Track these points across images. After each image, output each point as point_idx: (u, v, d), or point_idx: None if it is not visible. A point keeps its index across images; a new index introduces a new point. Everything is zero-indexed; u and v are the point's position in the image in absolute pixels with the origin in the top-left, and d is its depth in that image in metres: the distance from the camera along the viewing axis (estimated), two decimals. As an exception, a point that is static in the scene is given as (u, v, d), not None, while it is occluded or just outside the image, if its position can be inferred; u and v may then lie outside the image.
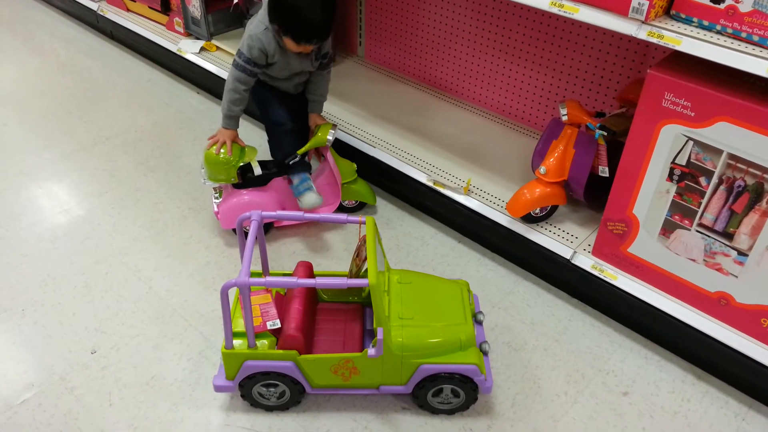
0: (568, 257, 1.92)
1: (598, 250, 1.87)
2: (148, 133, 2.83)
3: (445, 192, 2.17)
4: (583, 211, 2.07)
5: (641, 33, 1.46)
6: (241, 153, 2.07)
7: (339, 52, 3.03)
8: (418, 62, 2.79)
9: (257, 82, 2.08)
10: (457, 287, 1.71)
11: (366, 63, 2.99)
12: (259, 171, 2.12)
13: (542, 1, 1.61)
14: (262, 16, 1.95)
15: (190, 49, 3.00)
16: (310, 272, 1.74)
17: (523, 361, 1.82)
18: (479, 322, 1.71)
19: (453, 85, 2.71)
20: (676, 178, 1.60)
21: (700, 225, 1.61)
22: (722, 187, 1.53)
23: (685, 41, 1.42)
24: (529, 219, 2.00)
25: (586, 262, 1.88)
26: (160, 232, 2.26)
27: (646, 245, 1.74)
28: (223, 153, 2.03)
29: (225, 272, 2.10)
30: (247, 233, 1.53)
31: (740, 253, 1.57)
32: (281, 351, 1.54)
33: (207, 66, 2.90)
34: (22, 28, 3.79)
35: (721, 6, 1.38)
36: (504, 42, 2.41)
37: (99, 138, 2.78)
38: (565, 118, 1.86)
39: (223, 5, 3.00)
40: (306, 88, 2.20)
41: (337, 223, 2.20)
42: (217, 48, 3.02)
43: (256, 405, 1.66)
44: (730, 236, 1.57)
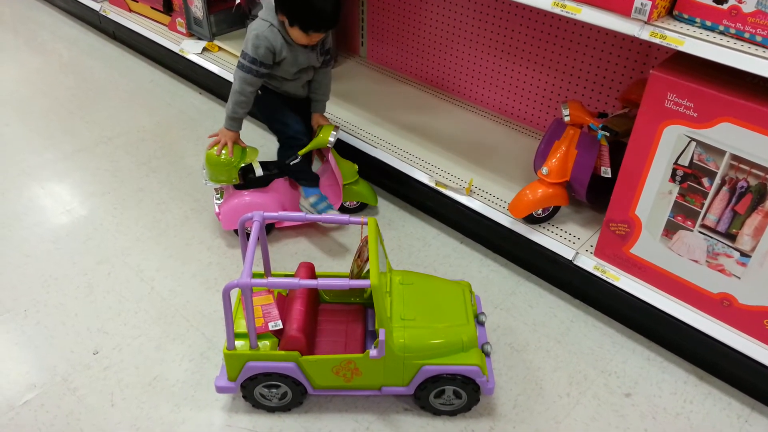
0: (570, 258, 1.91)
1: (601, 251, 1.87)
2: (151, 133, 2.83)
3: (447, 193, 2.17)
4: (585, 212, 2.07)
5: (644, 33, 1.46)
6: (243, 154, 2.07)
7: (341, 53, 3.03)
8: (420, 62, 2.79)
9: (265, 93, 2.08)
10: (459, 288, 1.71)
11: (368, 63, 2.99)
12: (260, 172, 2.12)
13: (545, 2, 1.61)
14: (265, 14, 1.96)
15: (192, 50, 3.01)
16: (312, 273, 1.74)
17: (525, 362, 1.82)
18: (481, 323, 1.71)
19: (455, 86, 2.70)
20: (678, 179, 1.59)
21: (703, 226, 1.61)
22: (725, 188, 1.53)
23: (687, 42, 1.42)
24: (532, 220, 2.00)
25: (589, 263, 1.88)
26: (163, 233, 2.27)
27: (648, 246, 1.74)
28: (224, 154, 2.03)
29: (227, 273, 2.10)
30: (249, 234, 1.53)
31: (743, 254, 1.57)
32: (283, 352, 1.54)
33: (209, 66, 2.91)
34: (24, 28, 3.80)
35: (724, 6, 1.38)
36: (506, 42, 2.41)
37: (101, 138, 2.79)
38: (567, 119, 1.85)
39: (225, 6, 3.01)
40: (310, 88, 2.21)
41: (339, 224, 2.20)
42: (220, 48, 3.02)
43: (257, 406, 1.66)
44: (732, 237, 1.57)
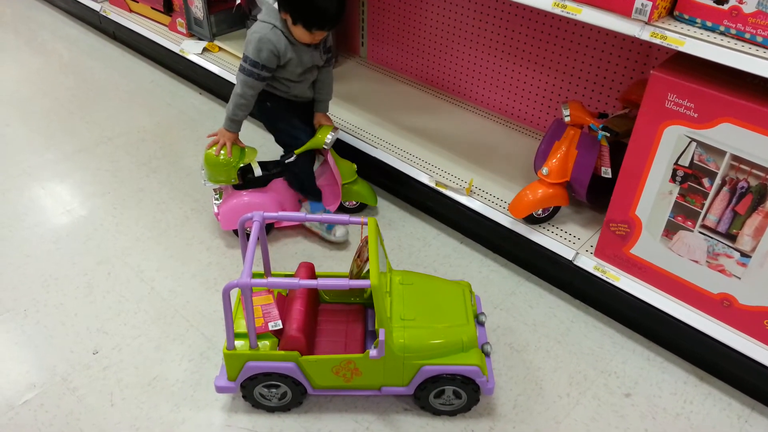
0: (570, 258, 1.91)
1: (601, 252, 1.87)
2: (151, 133, 2.83)
3: (448, 193, 2.17)
4: (585, 212, 2.07)
5: (644, 34, 1.46)
6: (241, 154, 2.07)
7: (341, 53, 3.03)
8: (420, 63, 2.79)
9: (272, 102, 2.05)
10: (459, 288, 1.71)
11: (368, 63, 2.99)
12: (259, 172, 2.12)
13: (545, 2, 1.61)
14: (266, 16, 1.94)
15: (192, 50, 3.01)
16: (312, 273, 1.74)
17: (525, 362, 1.82)
18: (481, 324, 1.71)
19: (455, 86, 2.70)
20: (679, 179, 1.59)
21: (703, 226, 1.61)
22: (725, 189, 1.53)
23: (688, 42, 1.42)
24: (532, 220, 2.00)
25: (589, 263, 1.88)
26: (163, 233, 2.27)
27: (648, 246, 1.74)
28: (223, 154, 2.03)
29: (227, 273, 2.10)
30: (249, 234, 1.53)
31: (743, 255, 1.57)
32: (283, 352, 1.54)
33: (209, 67, 2.90)
34: (25, 28, 3.80)
35: (725, 7, 1.38)
36: (506, 43, 2.41)
37: (101, 138, 2.79)
38: (567, 119, 1.85)
39: (225, 6, 3.01)
40: (314, 88, 2.18)
41: (339, 224, 2.20)
42: (220, 49, 3.02)
43: (257, 406, 1.66)
44: (733, 238, 1.57)
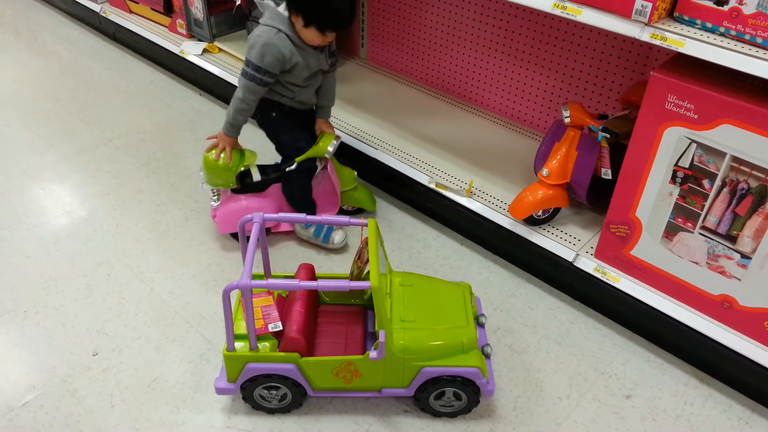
0: (570, 260, 1.91)
1: (601, 253, 1.86)
2: (151, 134, 2.83)
3: (448, 194, 2.17)
4: (585, 214, 2.07)
5: (644, 35, 1.46)
6: (241, 158, 2.05)
7: (341, 54, 3.02)
8: (420, 64, 2.79)
9: (276, 112, 2.02)
10: (459, 290, 1.71)
11: (368, 65, 2.99)
12: (258, 177, 2.09)
13: (545, 3, 1.61)
14: (269, 20, 1.88)
15: (192, 51, 3.01)
16: (312, 274, 1.74)
17: (525, 364, 1.82)
18: (481, 325, 1.71)
19: (455, 87, 2.70)
20: (679, 180, 1.59)
21: (703, 228, 1.61)
22: (725, 190, 1.53)
23: (688, 43, 1.42)
24: (532, 221, 1.99)
25: (589, 264, 1.88)
26: (162, 234, 2.26)
27: (648, 248, 1.74)
28: (222, 158, 2.01)
29: (227, 274, 2.10)
30: (249, 236, 1.53)
31: (743, 256, 1.57)
32: (283, 353, 1.54)
33: (209, 68, 2.90)
34: (25, 29, 3.80)
35: (725, 8, 1.38)
36: (506, 44, 2.41)
37: (101, 139, 2.79)
38: (567, 120, 1.85)
39: (225, 7, 3.01)
40: (318, 94, 2.15)
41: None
42: (220, 50, 3.02)
43: (257, 407, 1.66)
44: (733, 239, 1.57)
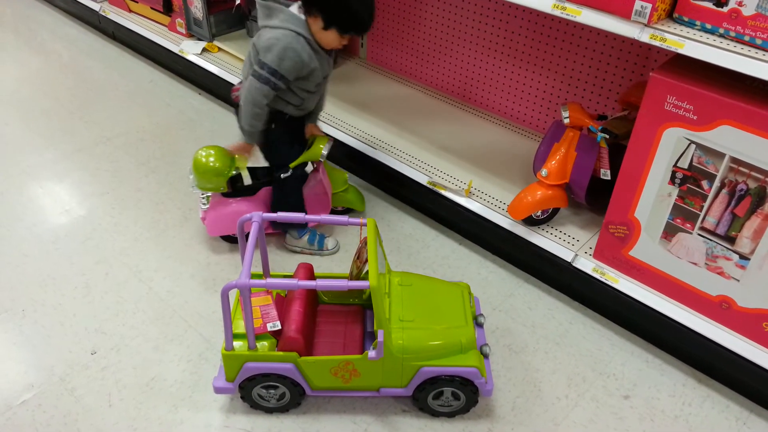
0: (569, 260, 1.91)
1: (600, 253, 1.87)
2: (150, 133, 2.83)
3: (447, 194, 2.17)
4: (584, 214, 2.07)
5: (644, 36, 1.46)
6: (231, 162, 2.02)
7: (341, 54, 3.02)
8: (420, 64, 2.79)
9: (275, 123, 1.96)
10: (458, 290, 1.71)
11: (368, 65, 2.99)
12: (249, 181, 2.06)
13: (545, 4, 1.61)
14: (285, 22, 1.78)
15: (191, 50, 3.00)
16: (311, 274, 1.74)
17: (524, 364, 1.82)
18: (480, 325, 1.71)
19: (455, 88, 2.71)
20: (678, 181, 1.59)
21: (702, 228, 1.61)
22: (724, 191, 1.53)
23: (687, 44, 1.42)
24: (531, 222, 2.00)
25: (588, 265, 1.88)
26: (161, 233, 2.26)
27: (647, 248, 1.74)
28: (213, 161, 1.98)
29: (226, 273, 2.10)
30: (248, 235, 1.53)
31: (742, 257, 1.57)
32: (281, 353, 1.54)
33: (209, 67, 2.90)
34: (25, 28, 3.79)
35: (725, 9, 1.38)
36: (506, 44, 2.41)
37: (100, 138, 2.78)
38: (566, 121, 1.86)
39: (225, 6, 3.01)
40: None
41: (338, 225, 2.19)
42: (219, 49, 3.02)
43: (256, 407, 1.66)
44: (731, 240, 1.57)
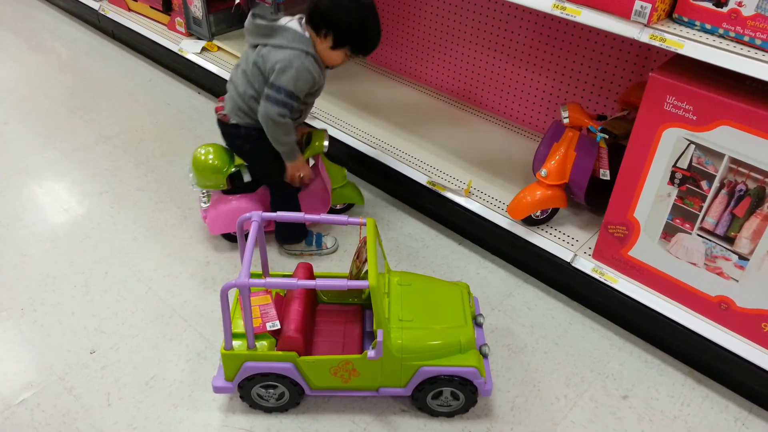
0: (568, 260, 1.91)
1: (599, 254, 1.87)
2: (149, 132, 2.82)
3: (446, 194, 2.17)
4: (583, 214, 2.07)
5: (643, 36, 1.46)
6: (231, 160, 2.03)
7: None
8: (420, 64, 2.79)
9: (265, 138, 1.92)
10: (457, 289, 1.71)
11: (368, 65, 2.99)
12: (248, 177, 2.06)
13: (545, 4, 1.61)
14: (292, 42, 1.79)
15: (191, 49, 3.00)
16: (310, 273, 1.74)
17: (523, 364, 1.82)
18: (479, 325, 1.71)
19: (455, 88, 2.71)
20: (677, 181, 1.60)
21: (701, 229, 1.61)
22: (723, 191, 1.53)
23: (687, 44, 1.42)
24: (530, 222, 2.00)
25: (587, 265, 1.88)
26: (160, 232, 2.26)
27: (646, 249, 1.74)
28: (212, 159, 1.99)
29: (225, 273, 2.10)
30: (247, 234, 1.53)
31: (741, 258, 1.57)
32: (281, 352, 1.54)
33: (208, 66, 2.90)
34: (24, 26, 3.79)
35: (724, 10, 1.38)
36: (506, 44, 2.41)
37: (100, 137, 2.78)
38: (566, 121, 1.86)
39: (224, 5, 3.01)
40: None
41: (338, 225, 2.19)
42: (219, 48, 3.02)
43: (255, 406, 1.66)
44: (731, 240, 1.57)
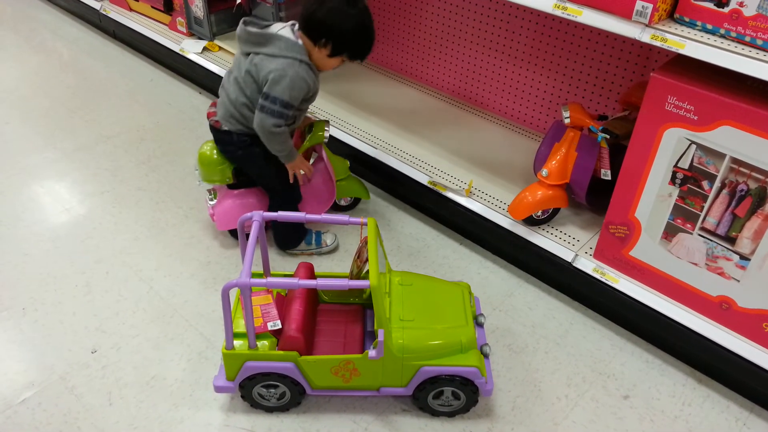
0: (569, 260, 1.91)
1: (600, 254, 1.87)
2: (150, 132, 2.83)
3: (447, 194, 2.17)
4: (585, 214, 2.07)
5: (645, 36, 1.46)
6: None
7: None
8: (420, 64, 2.79)
9: (259, 146, 1.94)
10: (458, 289, 1.71)
11: (367, 65, 2.99)
12: None
13: (546, 4, 1.61)
14: (286, 50, 1.80)
15: (192, 49, 3.00)
16: (311, 273, 1.74)
17: (524, 364, 1.82)
18: (480, 325, 1.71)
19: (455, 87, 2.71)
20: (678, 181, 1.60)
21: (702, 229, 1.61)
22: (725, 191, 1.53)
23: (688, 45, 1.42)
24: (531, 222, 2.00)
25: (588, 265, 1.88)
26: (161, 232, 2.26)
27: (648, 249, 1.74)
28: (217, 153, 2.02)
29: (226, 272, 2.10)
30: (248, 234, 1.53)
31: (742, 258, 1.57)
32: (282, 352, 1.54)
33: (209, 66, 2.91)
34: (25, 26, 3.79)
35: (725, 10, 1.38)
36: (507, 44, 2.41)
37: (101, 137, 2.78)
38: (567, 121, 1.86)
39: (225, 5, 3.01)
40: None
41: (339, 224, 2.19)
42: (220, 48, 3.02)
43: (256, 406, 1.66)
44: (732, 240, 1.57)
